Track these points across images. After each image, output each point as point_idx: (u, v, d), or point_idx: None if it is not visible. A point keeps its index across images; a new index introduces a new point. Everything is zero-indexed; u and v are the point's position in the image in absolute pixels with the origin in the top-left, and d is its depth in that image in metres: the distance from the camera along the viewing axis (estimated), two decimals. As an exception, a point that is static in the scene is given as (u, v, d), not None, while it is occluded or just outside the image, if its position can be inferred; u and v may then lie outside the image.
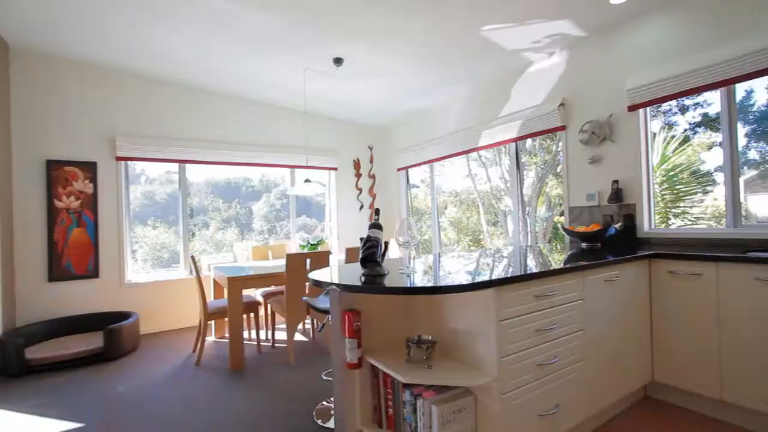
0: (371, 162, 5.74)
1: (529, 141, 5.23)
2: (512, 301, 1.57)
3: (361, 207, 5.60)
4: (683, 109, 3.64)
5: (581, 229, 2.76)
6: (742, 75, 2.32)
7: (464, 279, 1.58)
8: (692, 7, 2.55)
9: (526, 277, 1.59)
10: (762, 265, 1.85)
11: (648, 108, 2.84)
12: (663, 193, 4.26)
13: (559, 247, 3.35)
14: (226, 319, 3.14)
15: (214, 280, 3.75)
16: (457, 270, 1.89)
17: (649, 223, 2.84)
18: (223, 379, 2.83)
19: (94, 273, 3.85)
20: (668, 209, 4.22)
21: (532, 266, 1.91)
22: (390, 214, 5.76)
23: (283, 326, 3.89)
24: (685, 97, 2.70)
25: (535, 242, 4.63)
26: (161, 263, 4.76)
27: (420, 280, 1.59)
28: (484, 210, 6.56)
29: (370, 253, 1.64)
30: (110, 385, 2.77)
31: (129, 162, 4.19)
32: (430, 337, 1.68)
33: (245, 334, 3.83)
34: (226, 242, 5.27)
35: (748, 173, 4.10)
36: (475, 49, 3.38)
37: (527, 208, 5.83)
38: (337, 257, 4.35)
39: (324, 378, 2.66)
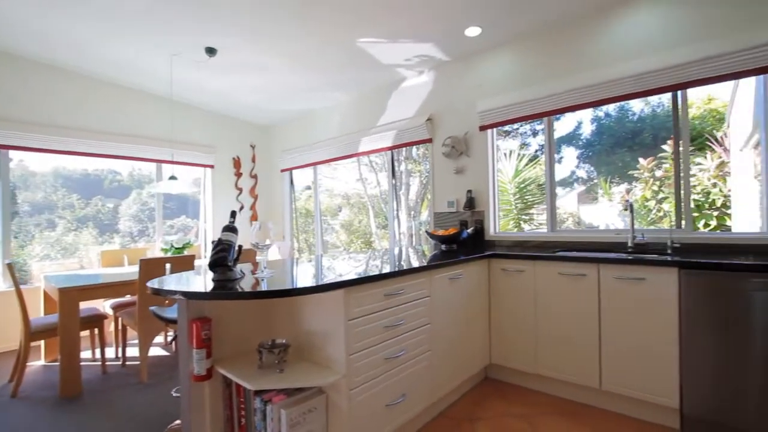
0: (253, 161, 5.48)
1: (414, 149, 5.62)
2: (362, 300, 1.67)
3: (242, 208, 5.30)
4: (534, 133, 4.36)
5: (440, 232, 3.07)
6: (556, 109, 2.88)
7: (320, 281, 1.63)
8: (527, 49, 3.07)
9: (375, 278, 1.71)
10: (562, 262, 2.32)
11: (495, 129, 3.30)
12: (516, 202, 5.02)
13: (435, 249, 3.67)
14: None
15: (45, 292, 3.14)
16: (320, 272, 1.93)
17: (494, 227, 3.31)
18: (50, 409, 2.39)
19: None
20: (520, 216, 4.98)
21: (390, 267, 2.06)
22: (273, 216, 5.58)
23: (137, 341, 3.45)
24: (520, 122, 3.23)
25: (419, 244, 4.97)
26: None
27: (274, 284, 1.59)
28: (374, 213, 6.82)
29: (220, 258, 1.58)
30: None
31: None
32: (284, 341, 1.69)
33: (87, 354, 3.30)
34: (80, 245, 4.46)
35: (579, 188, 5.09)
36: (354, 59, 3.51)
37: (412, 212, 6.26)
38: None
39: (174, 394, 2.44)
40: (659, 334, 2.00)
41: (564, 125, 4.31)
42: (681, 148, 2.49)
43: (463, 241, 3.10)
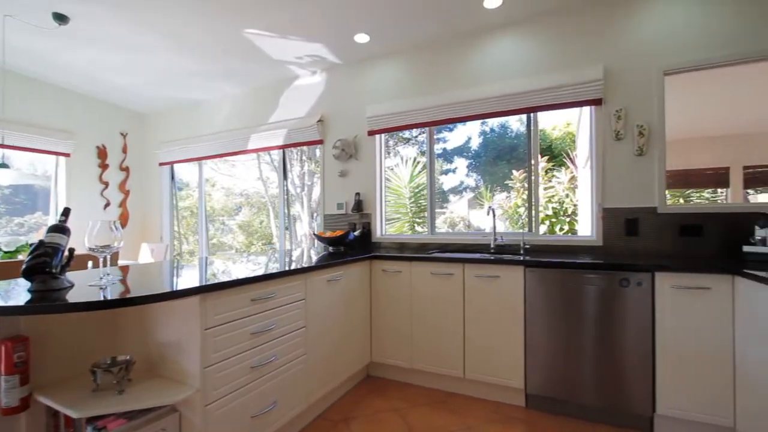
0: (124, 152, 4.80)
1: (318, 149, 5.50)
2: (223, 306, 1.56)
3: (107, 205, 4.60)
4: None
5: (328, 234, 3.06)
6: (437, 120, 3.09)
7: (177, 286, 1.46)
8: (414, 61, 3.24)
9: (237, 283, 1.61)
10: (434, 263, 2.50)
11: (383, 134, 3.42)
12: (410, 206, 5.27)
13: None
14: None
15: None
16: (201, 275, 1.75)
17: (381, 229, 3.42)
18: None
19: None
20: (414, 219, 5.24)
21: (266, 269, 1.96)
22: (150, 215, 4.96)
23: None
24: (404, 130, 3.40)
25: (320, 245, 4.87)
26: None
27: (114, 292, 1.38)
28: (274, 214, 6.52)
29: (39, 264, 1.32)
30: None
31: None
32: (128, 357, 1.49)
33: None
34: None
35: (469, 195, 5.55)
36: (241, 50, 3.30)
37: (314, 213, 6.14)
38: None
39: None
40: (510, 325, 2.27)
41: (458, 137, 4.68)
42: (533, 163, 2.88)
43: (350, 243, 3.13)
